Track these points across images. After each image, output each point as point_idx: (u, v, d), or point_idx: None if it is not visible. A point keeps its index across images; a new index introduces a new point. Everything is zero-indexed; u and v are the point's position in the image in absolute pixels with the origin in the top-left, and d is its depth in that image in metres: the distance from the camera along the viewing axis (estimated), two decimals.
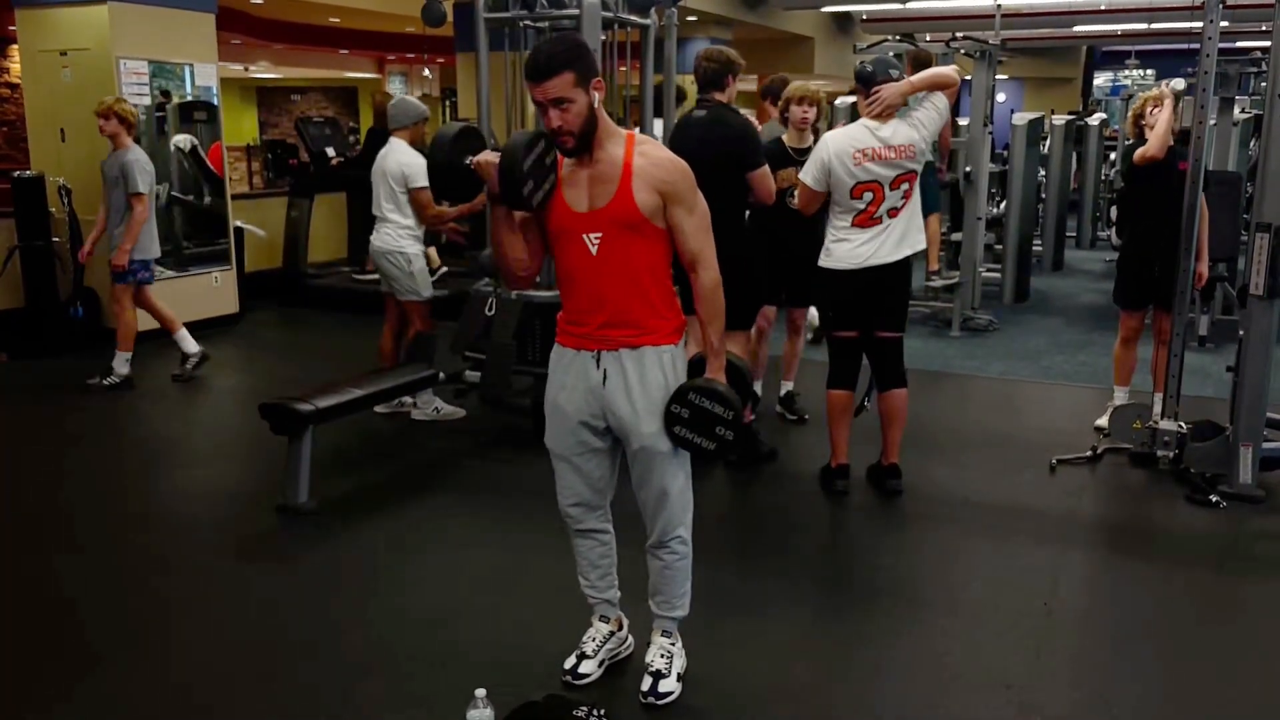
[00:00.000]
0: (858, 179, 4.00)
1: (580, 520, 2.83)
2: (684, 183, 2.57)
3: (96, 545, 3.91)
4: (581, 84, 2.47)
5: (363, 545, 3.90)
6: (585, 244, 2.57)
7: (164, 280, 7.23)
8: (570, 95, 2.45)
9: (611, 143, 2.57)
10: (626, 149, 2.56)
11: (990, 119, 7.43)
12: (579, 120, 2.48)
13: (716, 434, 2.59)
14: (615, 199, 2.53)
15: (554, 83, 2.44)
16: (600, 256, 2.57)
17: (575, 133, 2.49)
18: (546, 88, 2.45)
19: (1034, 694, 2.88)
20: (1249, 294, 4.20)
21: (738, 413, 2.59)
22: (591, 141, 2.54)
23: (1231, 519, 4.15)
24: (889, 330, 4.22)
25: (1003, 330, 7.69)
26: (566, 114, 2.47)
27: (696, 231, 2.60)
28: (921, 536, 4.07)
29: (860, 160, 3.98)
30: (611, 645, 2.94)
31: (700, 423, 2.59)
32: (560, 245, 2.63)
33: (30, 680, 2.96)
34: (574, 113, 2.47)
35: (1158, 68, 18.20)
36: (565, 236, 2.61)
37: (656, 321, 2.62)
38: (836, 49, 14.94)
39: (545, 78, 2.44)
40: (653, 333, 2.62)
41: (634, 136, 2.61)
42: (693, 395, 2.59)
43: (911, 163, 4.01)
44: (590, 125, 2.51)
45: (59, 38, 6.88)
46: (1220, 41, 4.31)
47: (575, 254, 2.60)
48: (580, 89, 2.46)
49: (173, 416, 5.71)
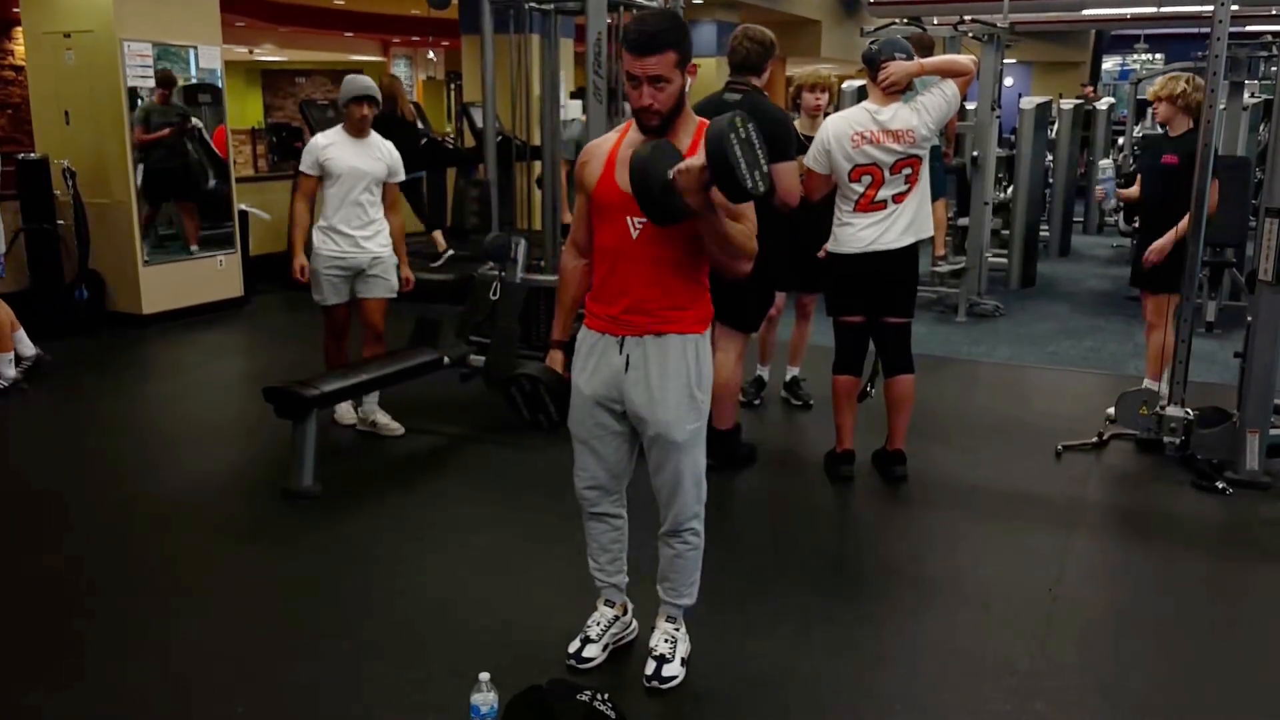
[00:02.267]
0: (855, 161, 3.97)
1: (595, 503, 2.83)
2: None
3: (100, 528, 3.91)
4: (681, 65, 2.44)
5: (367, 529, 3.90)
6: (628, 226, 2.54)
7: (170, 263, 7.26)
8: (669, 75, 2.42)
9: (685, 131, 2.53)
10: (695, 140, 2.51)
11: (998, 103, 7.39)
12: (670, 102, 2.45)
13: (754, 177, 2.28)
14: None
15: (657, 60, 2.40)
16: (640, 241, 2.53)
17: (663, 113, 2.46)
18: (648, 63, 2.40)
19: (1039, 679, 2.88)
20: (1258, 280, 4.18)
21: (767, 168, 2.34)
22: (671, 125, 2.50)
23: (1238, 506, 4.13)
24: (896, 315, 4.20)
25: (1009, 316, 7.66)
26: (660, 93, 2.43)
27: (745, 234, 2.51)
28: (926, 522, 4.06)
29: (858, 143, 3.95)
30: (616, 630, 2.94)
31: (748, 156, 2.27)
32: (602, 222, 2.60)
33: (32, 665, 2.96)
34: (668, 93, 2.44)
35: (1167, 52, 18.08)
36: (609, 214, 2.57)
37: (682, 311, 2.60)
38: (843, 32, 14.86)
39: (649, 52, 2.40)
40: (678, 322, 2.60)
41: (706, 126, 2.51)
42: (752, 124, 2.30)
43: (913, 148, 3.98)
44: (677, 109, 2.48)
45: (63, 20, 6.86)
46: (1230, 25, 4.28)
47: (615, 234, 2.57)
48: (679, 70, 2.44)
49: (177, 400, 5.71)
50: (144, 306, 7.02)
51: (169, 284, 7.19)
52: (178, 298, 7.23)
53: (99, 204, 6.89)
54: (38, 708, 2.75)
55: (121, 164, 6.88)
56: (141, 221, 7.00)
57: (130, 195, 6.91)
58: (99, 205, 6.88)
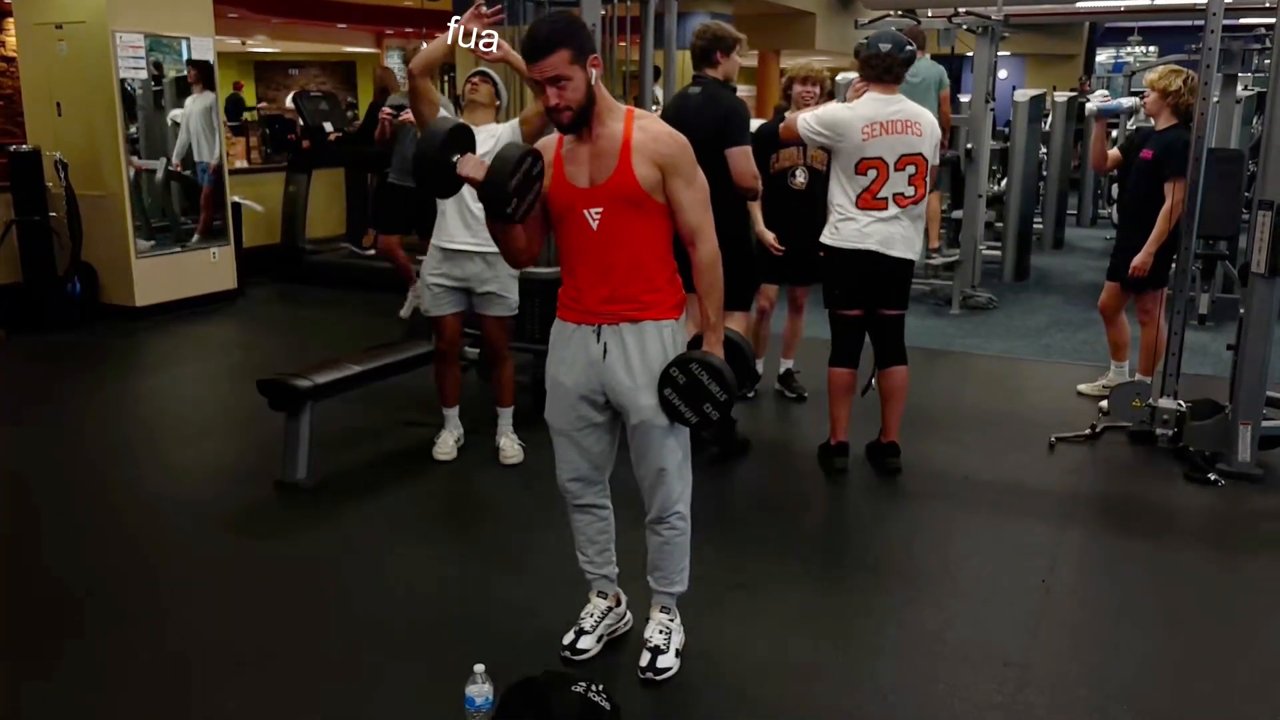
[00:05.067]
0: (864, 154, 3.97)
1: (579, 495, 2.83)
2: (683, 156, 2.57)
3: (93, 520, 3.91)
4: (578, 61, 2.46)
5: (361, 521, 3.90)
6: (586, 219, 2.57)
7: (163, 256, 7.23)
8: (567, 73, 2.45)
9: (611, 118, 2.57)
10: (626, 125, 2.56)
11: (992, 96, 7.39)
12: (576, 98, 2.48)
13: (703, 410, 2.57)
14: (615, 174, 2.53)
15: (550, 61, 2.44)
16: (601, 232, 2.57)
17: (573, 109, 2.49)
18: (543, 66, 2.45)
19: (1032, 670, 2.89)
20: (1250, 272, 4.19)
21: (731, 396, 2.58)
22: (590, 118, 2.53)
23: (1230, 497, 4.15)
24: (892, 308, 4.21)
25: (1003, 308, 7.67)
26: (564, 91, 2.47)
27: (695, 205, 2.60)
28: (920, 514, 4.07)
29: (869, 135, 3.95)
30: (610, 621, 2.95)
31: (692, 394, 2.57)
32: (562, 221, 2.63)
33: (23, 655, 2.96)
34: (571, 90, 2.47)
35: (1160, 44, 18.09)
36: (566, 213, 2.60)
37: (657, 296, 2.62)
38: (838, 25, 14.85)
39: (542, 56, 2.45)
40: (653, 307, 2.62)
41: (633, 112, 2.61)
42: (695, 366, 2.57)
43: (918, 140, 3.99)
44: (588, 102, 2.51)
45: (55, 10, 6.82)
46: (1224, 18, 4.29)
47: (576, 230, 2.60)
48: (577, 65, 2.46)
49: (171, 392, 5.70)
50: (137, 299, 7.00)
51: (162, 276, 7.17)
52: (171, 290, 7.21)
53: (91, 196, 6.86)
54: (30, 697, 2.75)
55: (114, 155, 6.85)
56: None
57: (123, 187, 6.88)
58: (91, 197, 6.85)
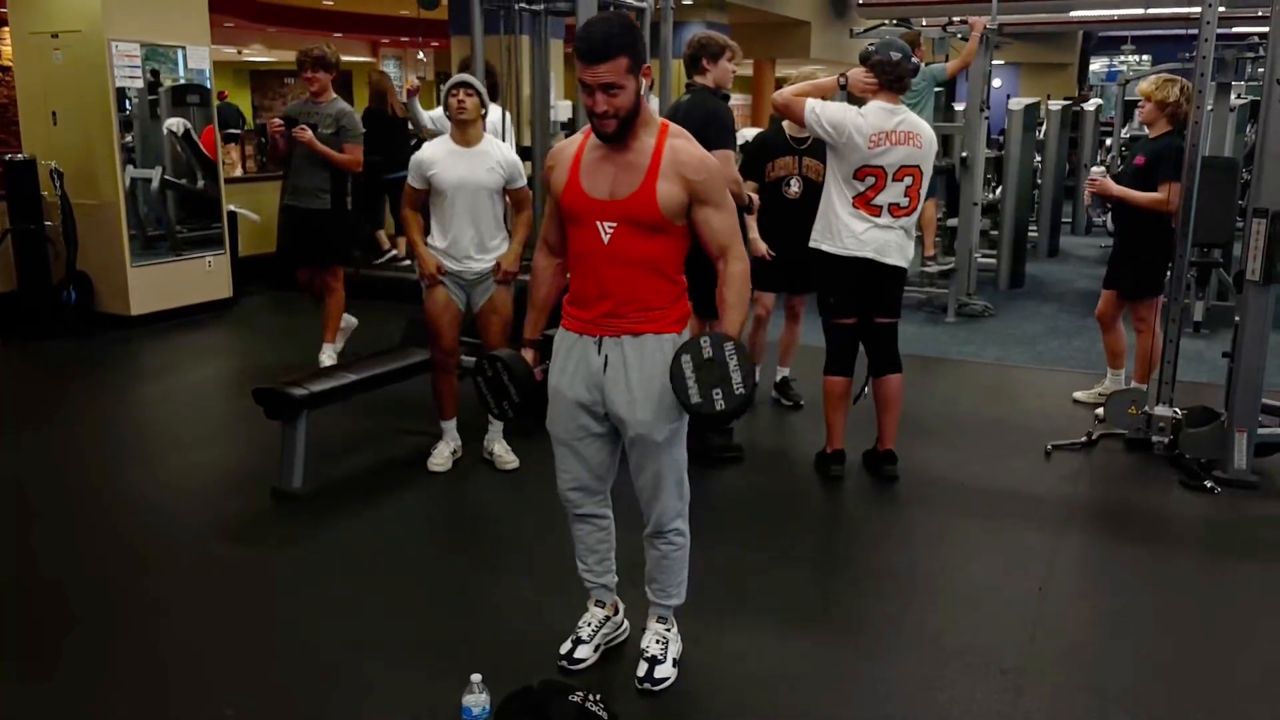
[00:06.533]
0: (867, 161, 3.98)
1: (579, 505, 2.82)
2: (713, 181, 2.51)
3: (88, 527, 3.89)
4: (634, 70, 2.39)
5: (357, 529, 3.89)
6: (598, 231, 2.52)
7: (158, 264, 7.22)
8: (622, 81, 2.37)
9: (646, 132, 2.50)
10: (659, 140, 2.49)
11: (987, 104, 7.41)
12: (625, 107, 2.41)
13: (710, 396, 2.42)
14: (637, 193, 2.47)
15: (608, 67, 2.35)
16: (612, 246, 2.52)
17: (619, 119, 2.42)
18: (599, 71, 2.35)
19: (1028, 677, 2.89)
20: (1245, 279, 4.20)
21: (747, 394, 2.44)
22: (630, 129, 2.47)
23: (1226, 504, 4.15)
24: (887, 316, 4.22)
25: (998, 316, 7.68)
26: (614, 100, 2.39)
27: (725, 229, 2.55)
28: (917, 521, 4.07)
29: (875, 144, 3.97)
30: (607, 630, 2.94)
31: (708, 374, 2.42)
32: (573, 228, 2.60)
33: (16, 661, 2.95)
34: (622, 99, 2.40)
35: (1154, 53, 18.17)
36: (579, 221, 2.56)
37: (660, 311, 2.59)
38: (833, 33, 14.91)
39: (599, 60, 2.35)
40: (655, 321, 2.59)
41: (669, 127, 2.53)
42: (730, 346, 2.42)
43: (919, 153, 4.00)
44: (634, 113, 2.44)
45: (50, 20, 6.82)
46: (1218, 27, 4.30)
47: (587, 239, 2.56)
48: (631, 75, 2.39)
49: (167, 401, 5.69)
50: (132, 307, 6.99)
51: (157, 285, 7.16)
52: (166, 299, 7.19)
53: (87, 204, 6.85)
54: (21, 703, 2.74)
55: (110, 164, 6.84)
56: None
57: (118, 196, 6.87)
58: (87, 206, 6.85)
